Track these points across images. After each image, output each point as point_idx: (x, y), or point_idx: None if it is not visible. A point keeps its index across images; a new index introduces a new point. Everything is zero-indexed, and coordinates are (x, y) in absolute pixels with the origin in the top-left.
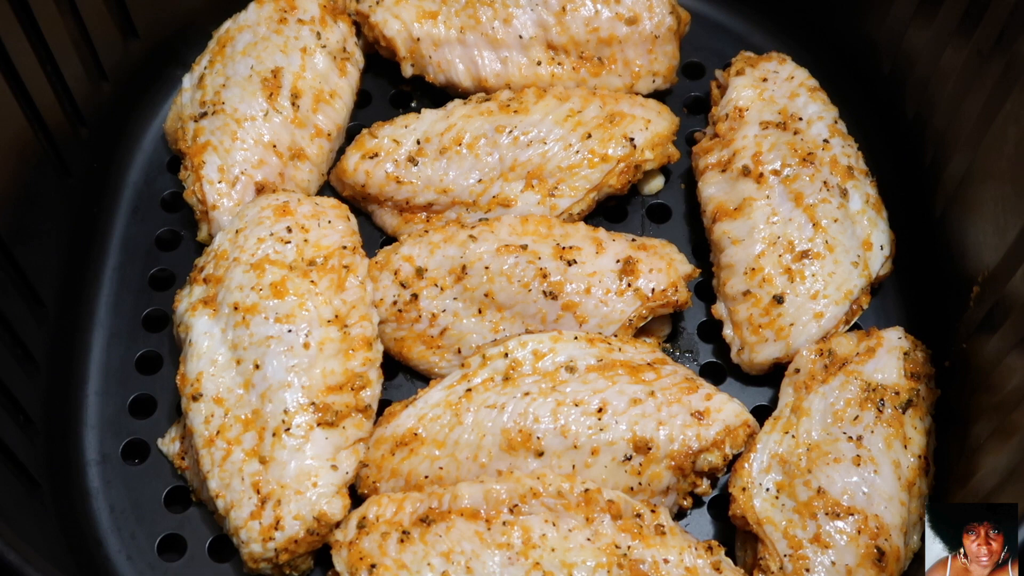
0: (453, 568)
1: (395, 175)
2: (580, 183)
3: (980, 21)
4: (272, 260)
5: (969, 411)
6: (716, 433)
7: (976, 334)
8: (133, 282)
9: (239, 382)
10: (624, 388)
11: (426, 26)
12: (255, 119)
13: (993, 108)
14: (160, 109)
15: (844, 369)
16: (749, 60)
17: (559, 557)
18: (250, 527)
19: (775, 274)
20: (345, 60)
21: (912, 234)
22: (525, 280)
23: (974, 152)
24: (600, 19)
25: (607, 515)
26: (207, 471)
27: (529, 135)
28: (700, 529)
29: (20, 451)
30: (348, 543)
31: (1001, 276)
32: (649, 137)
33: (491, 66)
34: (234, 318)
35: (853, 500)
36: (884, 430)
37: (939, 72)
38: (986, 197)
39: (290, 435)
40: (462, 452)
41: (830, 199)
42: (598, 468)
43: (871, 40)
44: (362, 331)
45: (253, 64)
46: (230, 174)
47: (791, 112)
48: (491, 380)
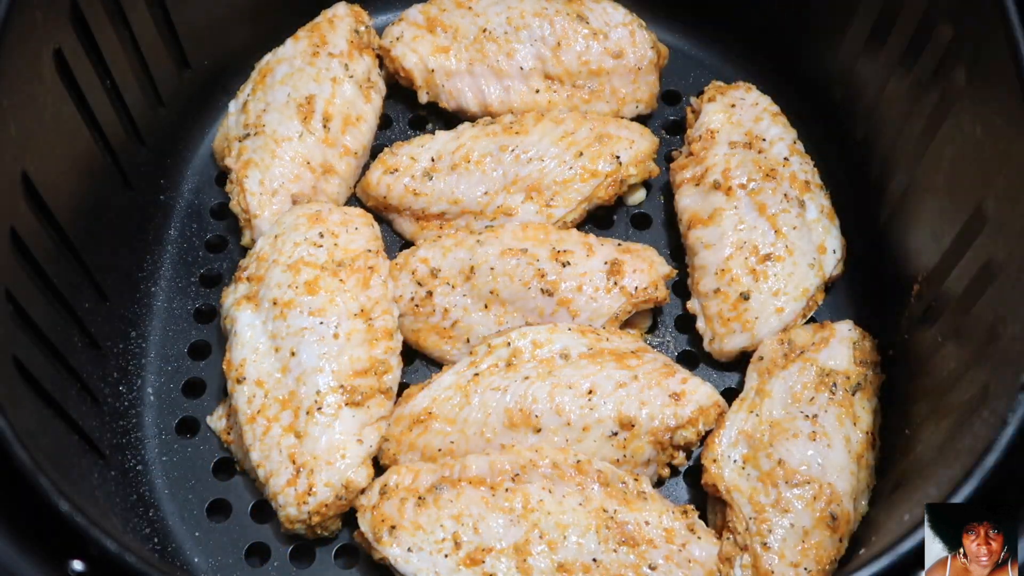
0: (462, 529)
1: (412, 188)
2: (573, 195)
3: (920, 55)
4: (306, 261)
5: (910, 394)
6: (691, 412)
7: (916, 327)
8: (186, 281)
9: (277, 367)
10: (611, 373)
11: (439, 59)
12: (291, 139)
13: (931, 131)
14: (209, 131)
15: (802, 357)
16: (720, 88)
17: (555, 519)
18: (287, 493)
19: (742, 274)
20: (370, 88)
21: (861, 240)
22: (525, 279)
23: (914, 169)
24: (590, 53)
25: (596, 483)
26: (249, 444)
27: (528, 153)
28: (677, 495)
29: (88, 426)
30: (372, 507)
31: (938, 277)
32: (633, 155)
33: (496, 94)
34: (273, 312)
35: (809, 470)
36: (836, 410)
37: (884, 99)
38: (925, 208)
39: (322, 413)
40: (470, 428)
41: (790, 209)
42: (588, 442)
43: (825, 71)
44: (384, 323)
45: (290, 92)
46: (270, 187)
47: (756, 134)
48: (496, 366)
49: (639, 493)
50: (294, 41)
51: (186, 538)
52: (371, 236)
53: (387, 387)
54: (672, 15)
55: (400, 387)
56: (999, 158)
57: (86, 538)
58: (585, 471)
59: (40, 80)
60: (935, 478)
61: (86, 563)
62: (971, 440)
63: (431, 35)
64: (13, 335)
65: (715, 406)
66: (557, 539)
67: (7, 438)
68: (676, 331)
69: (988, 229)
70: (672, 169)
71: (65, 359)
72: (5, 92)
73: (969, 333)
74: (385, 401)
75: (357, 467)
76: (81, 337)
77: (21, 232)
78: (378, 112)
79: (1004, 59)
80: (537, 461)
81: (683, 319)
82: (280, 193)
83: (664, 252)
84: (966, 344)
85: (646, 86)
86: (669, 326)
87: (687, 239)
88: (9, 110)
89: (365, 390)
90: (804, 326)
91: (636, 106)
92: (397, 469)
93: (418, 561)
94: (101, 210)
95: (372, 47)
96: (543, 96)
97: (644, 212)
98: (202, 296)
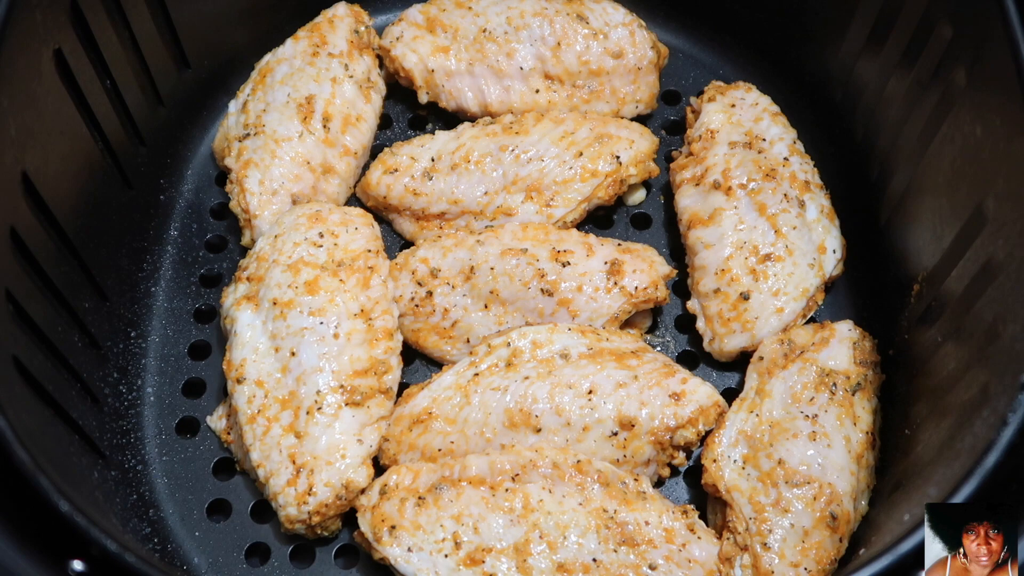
0: (462, 529)
1: (412, 188)
2: (573, 195)
3: (919, 56)
4: (306, 261)
5: (910, 393)
6: (691, 412)
7: (916, 326)
8: (186, 280)
9: (277, 367)
10: (611, 373)
11: (439, 59)
12: (291, 139)
13: (931, 131)
14: (209, 131)
15: (802, 357)
16: (719, 88)
17: (555, 519)
18: (287, 493)
19: (742, 274)
20: (369, 88)
21: (861, 240)
22: (525, 279)
23: (914, 169)
24: (590, 53)
25: (596, 483)
26: (249, 444)
27: (528, 153)
28: (677, 495)
29: (88, 426)
30: (372, 507)
31: (938, 276)
32: (633, 155)
33: (496, 94)
34: (273, 312)
35: (809, 470)
36: (836, 410)
37: (884, 99)
38: (925, 208)
39: (322, 413)
40: (470, 428)
41: (789, 209)
42: (588, 443)
43: (825, 72)
44: (384, 323)
45: (290, 92)
46: (269, 187)
47: (756, 134)
48: (496, 366)
49: (639, 493)
50: (294, 41)
51: (186, 538)
52: (371, 236)
53: (387, 387)
54: (672, 15)
55: (400, 387)
56: (999, 158)
57: (86, 538)
58: (585, 471)
59: (40, 80)
60: (935, 478)
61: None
62: (971, 440)
63: (431, 35)
64: (13, 335)
65: (715, 406)
66: (557, 539)
67: (7, 438)
68: (676, 331)
69: (988, 229)
70: (672, 169)
71: (65, 359)
72: (5, 92)
73: (969, 333)
74: (385, 401)
75: (357, 467)
76: (81, 337)
77: (21, 232)
78: (378, 112)
79: (1004, 59)
80: (537, 461)
81: (683, 319)
82: (280, 193)
83: (664, 252)
84: (966, 344)
85: (646, 86)
86: (669, 326)
87: (687, 239)
88: (9, 110)
89: (365, 390)
90: (804, 326)
91: (636, 106)
92: (397, 469)
93: (418, 561)
94: (101, 210)
95: (372, 47)
96: (543, 96)
97: (644, 212)
98: (202, 296)
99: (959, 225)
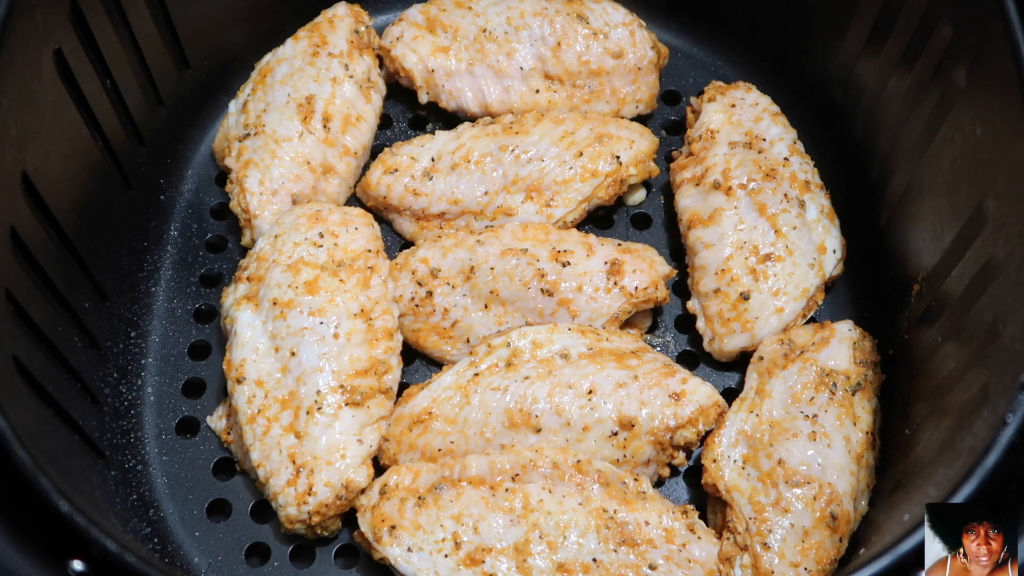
0: (462, 529)
1: (413, 188)
2: (573, 195)
3: (919, 56)
4: (306, 261)
5: (910, 393)
6: (691, 412)
7: (916, 326)
8: (186, 280)
9: (277, 367)
10: (611, 373)
11: (439, 59)
12: (291, 139)
13: (931, 131)
14: (209, 131)
15: (802, 357)
16: (720, 88)
17: (555, 519)
18: (287, 493)
19: (742, 274)
20: (370, 88)
21: (861, 240)
22: (525, 279)
23: (914, 169)
24: (590, 53)
25: (596, 483)
26: (249, 444)
27: (529, 153)
28: (677, 495)
29: (88, 426)
30: (372, 507)
31: (938, 277)
32: (633, 155)
33: (496, 94)
34: (273, 312)
35: (809, 470)
36: (836, 410)
37: (884, 99)
38: (925, 208)
39: (322, 413)
40: (470, 428)
41: (790, 209)
42: (588, 443)
43: (825, 72)
44: (384, 323)
45: (290, 92)
46: (270, 187)
47: (756, 134)
48: (496, 366)
49: (639, 493)
50: (294, 41)
51: (186, 538)
52: (371, 236)
53: (387, 387)
54: (672, 15)
55: (400, 387)
56: (999, 158)
57: (86, 538)
58: (585, 471)
59: (40, 80)
60: (935, 478)
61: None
62: (971, 440)
63: (431, 35)
64: (13, 335)
65: (715, 406)
66: (557, 539)
67: (7, 438)
68: (676, 331)
69: (988, 229)
70: (672, 169)
71: (65, 359)
72: (5, 92)
73: (969, 333)
74: (385, 401)
75: (357, 467)
76: (81, 337)
77: (21, 232)
78: (378, 112)
79: (1004, 59)
80: (537, 461)
81: (683, 319)
82: (280, 193)
83: (664, 252)
84: (966, 344)
85: (646, 86)
86: (669, 326)
87: (687, 239)
88: (9, 110)
89: (365, 390)
90: (804, 326)
91: (636, 106)
92: (397, 469)
93: (418, 561)
94: (101, 210)
95: (372, 47)
96: (543, 96)
97: (644, 212)
98: (202, 296)
99: (959, 225)
